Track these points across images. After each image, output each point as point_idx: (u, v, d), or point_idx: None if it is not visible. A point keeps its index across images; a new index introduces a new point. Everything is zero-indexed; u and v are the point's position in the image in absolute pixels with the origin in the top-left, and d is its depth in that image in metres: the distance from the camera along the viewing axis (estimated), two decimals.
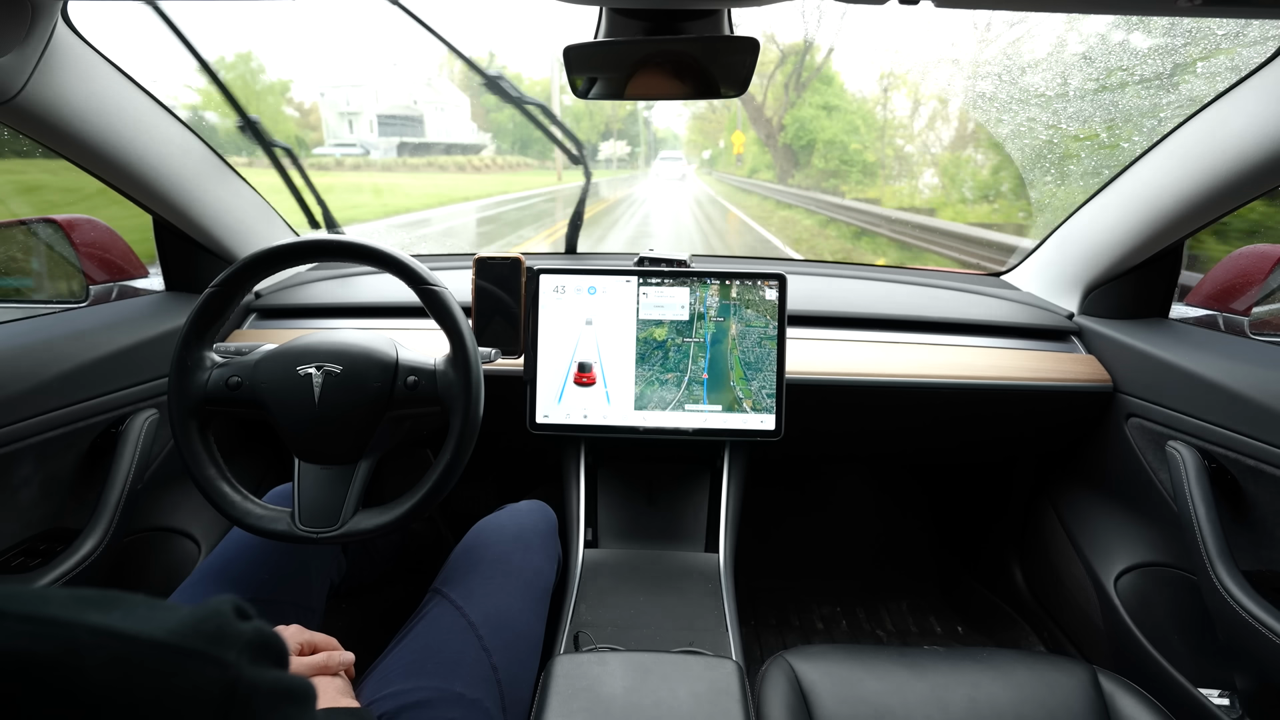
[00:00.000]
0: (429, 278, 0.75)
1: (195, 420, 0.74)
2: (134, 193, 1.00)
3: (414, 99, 31.10)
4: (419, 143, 28.93)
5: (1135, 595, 1.03)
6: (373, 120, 29.25)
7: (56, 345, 0.88)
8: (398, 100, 30.94)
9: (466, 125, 31.77)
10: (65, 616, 0.23)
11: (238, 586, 0.77)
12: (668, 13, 0.67)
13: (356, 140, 28.46)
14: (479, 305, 0.99)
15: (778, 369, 0.98)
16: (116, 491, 0.91)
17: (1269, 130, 0.79)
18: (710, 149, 30.22)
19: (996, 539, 1.42)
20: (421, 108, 30.49)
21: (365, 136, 28.81)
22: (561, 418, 1.00)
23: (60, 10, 0.77)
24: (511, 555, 0.85)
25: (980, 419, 1.15)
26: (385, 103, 30.25)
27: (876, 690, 0.75)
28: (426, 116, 30.18)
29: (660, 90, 0.78)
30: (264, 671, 0.26)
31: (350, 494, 0.73)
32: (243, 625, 0.26)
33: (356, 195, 13.77)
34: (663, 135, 38.40)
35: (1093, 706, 0.73)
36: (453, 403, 0.74)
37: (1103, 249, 1.08)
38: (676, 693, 0.68)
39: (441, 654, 0.71)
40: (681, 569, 0.98)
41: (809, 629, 1.45)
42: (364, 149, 26.71)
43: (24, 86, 0.75)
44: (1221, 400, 0.88)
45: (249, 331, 1.18)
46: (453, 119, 30.85)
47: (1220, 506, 0.88)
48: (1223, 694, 0.90)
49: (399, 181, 18.75)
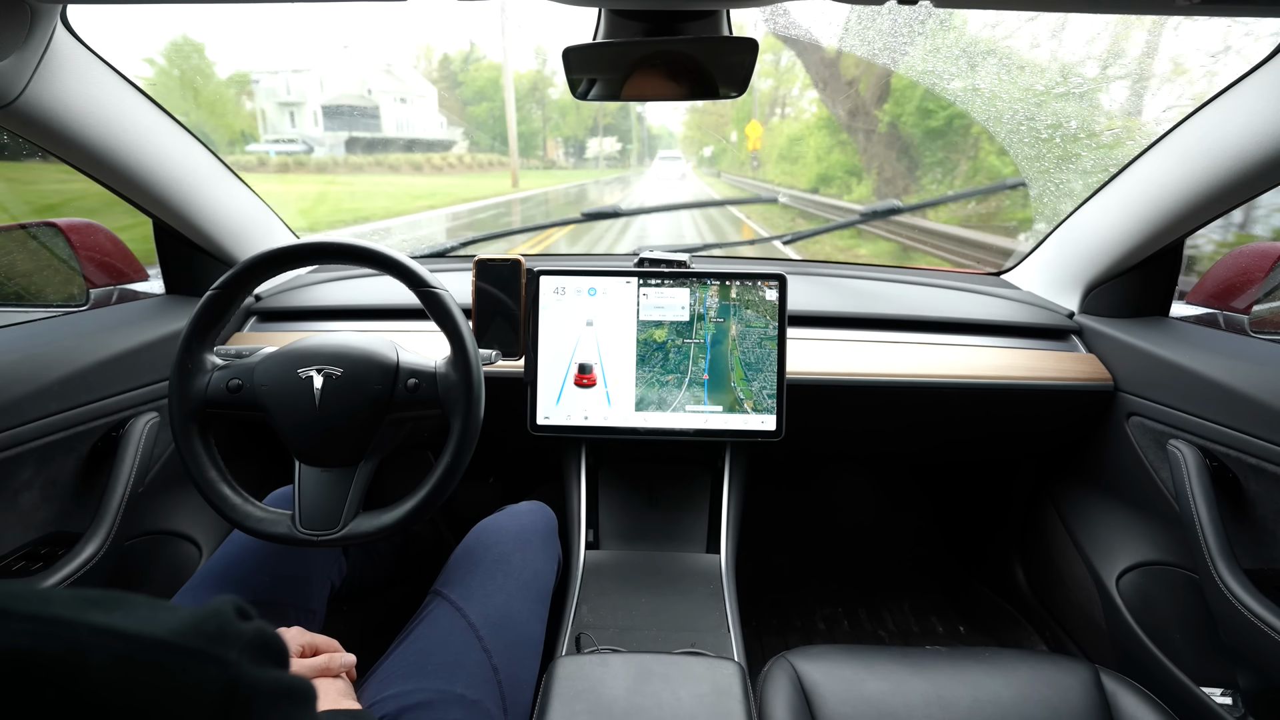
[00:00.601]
0: (429, 280, 0.75)
1: (196, 423, 0.74)
2: (134, 196, 1.00)
3: (368, 87, 26.30)
4: (373, 138, 24.67)
5: (1137, 594, 1.03)
6: (317, 111, 24.55)
7: (57, 349, 0.88)
8: (348, 88, 25.95)
9: (433, 119, 27.79)
10: (68, 616, 0.23)
11: (239, 589, 0.77)
12: (667, 14, 0.68)
13: (298, 135, 23.62)
14: (479, 307, 0.99)
15: (778, 369, 0.98)
16: (117, 495, 0.91)
17: (1269, 128, 0.79)
18: (711, 144, 26.50)
19: (998, 538, 1.42)
20: (377, 97, 25.85)
21: (310, 130, 24.07)
22: (562, 419, 1.00)
23: (59, 14, 0.77)
24: (512, 556, 0.85)
25: (981, 419, 1.15)
26: (333, 91, 25.28)
27: (879, 690, 0.75)
28: (384, 108, 25.61)
29: (660, 91, 0.78)
30: (265, 671, 0.26)
31: (351, 496, 0.73)
32: (244, 625, 0.26)
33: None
34: (657, 132, 36.35)
35: (1095, 706, 0.73)
36: (453, 405, 0.74)
37: (1103, 248, 1.08)
38: (678, 694, 0.68)
39: (442, 655, 0.71)
40: (683, 570, 0.98)
41: (811, 629, 1.45)
42: (307, 145, 22.39)
43: (23, 90, 0.76)
44: (1223, 399, 0.88)
45: (249, 334, 1.18)
46: (416, 111, 26.79)
47: (1222, 505, 0.88)
48: (1225, 693, 0.90)
49: (332, 187, 15.08)
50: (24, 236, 1.20)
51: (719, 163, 25.38)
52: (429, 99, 27.79)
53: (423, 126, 26.58)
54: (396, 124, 25.48)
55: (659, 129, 36.03)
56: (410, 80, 27.49)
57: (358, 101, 25.69)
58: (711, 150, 26.58)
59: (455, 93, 30.72)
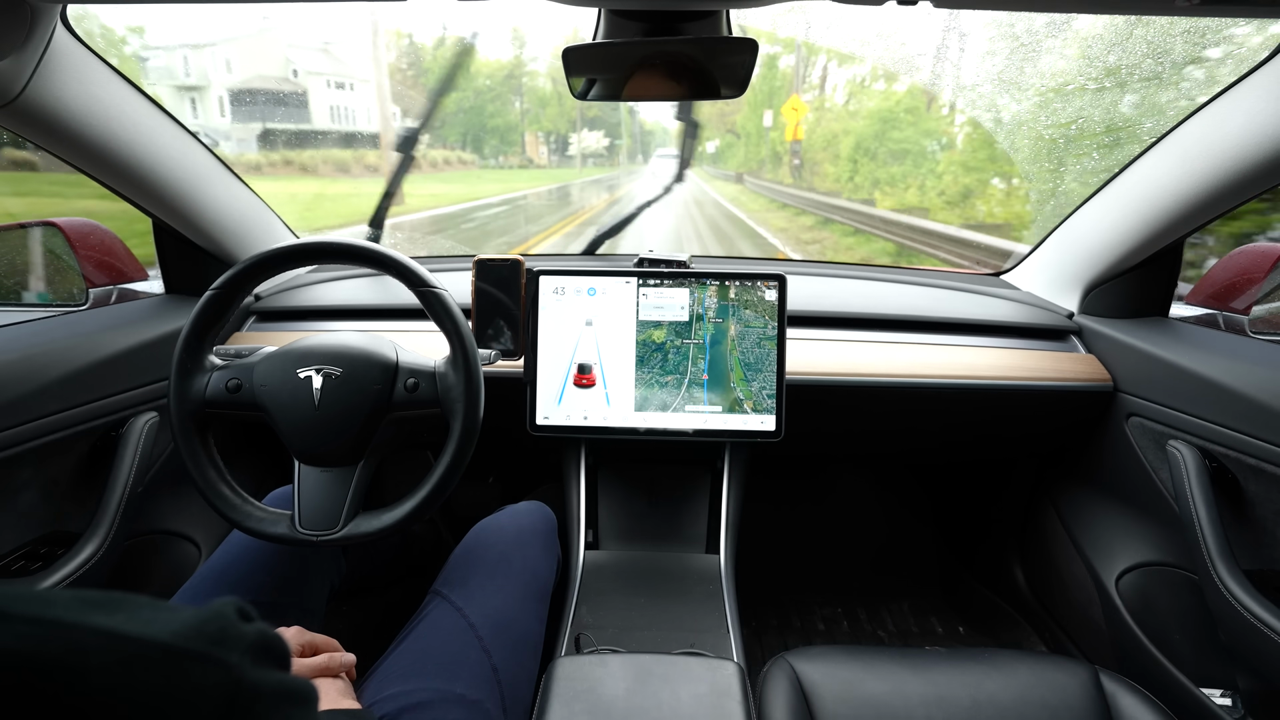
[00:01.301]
0: (428, 280, 0.75)
1: (195, 423, 0.74)
2: (133, 195, 1.00)
3: (293, 68, 19.81)
4: (298, 131, 18.73)
5: (1136, 595, 1.03)
6: (224, 97, 18.69)
7: (56, 348, 0.88)
8: (267, 69, 19.65)
9: (383, 110, 20.26)
10: (69, 618, 0.23)
11: (238, 589, 0.77)
12: (667, 14, 0.68)
13: (200, 128, 14.94)
14: (479, 307, 0.99)
15: (778, 369, 0.98)
16: (117, 495, 0.91)
17: (1269, 128, 0.79)
18: (716, 138, 21.63)
19: (997, 539, 1.42)
20: (305, 81, 19.53)
21: (215, 121, 18.38)
22: (562, 419, 1.00)
23: (59, 14, 0.77)
24: (511, 556, 0.85)
25: (980, 419, 1.15)
26: (246, 73, 19.23)
27: (878, 691, 0.75)
28: (315, 94, 19.40)
29: (660, 91, 0.78)
30: (266, 673, 0.26)
31: (350, 496, 0.73)
32: (245, 627, 0.26)
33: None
34: (650, 127, 32.78)
35: (1094, 706, 0.73)
36: (453, 404, 0.74)
37: (1102, 248, 1.08)
38: (678, 694, 0.68)
39: (442, 655, 0.71)
40: (682, 570, 0.98)
41: (810, 630, 1.45)
42: (210, 139, 14.07)
43: (23, 89, 0.76)
44: (1222, 399, 0.88)
45: (249, 334, 1.18)
46: (358, 100, 20.51)
47: (1221, 506, 0.88)
48: (1225, 693, 0.90)
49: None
50: (24, 236, 1.20)
51: (727, 160, 20.32)
52: (380, 86, 21.60)
53: (368, 119, 20.48)
54: (332, 114, 19.36)
55: (652, 124, 32.72)
56: (354, 63, 20.75)
57: (279, 86, 19.21)
58: (716, 146, 21.93)
59: (421, 81, 26.16)
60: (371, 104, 20.56)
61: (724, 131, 20.95)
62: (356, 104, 20.22)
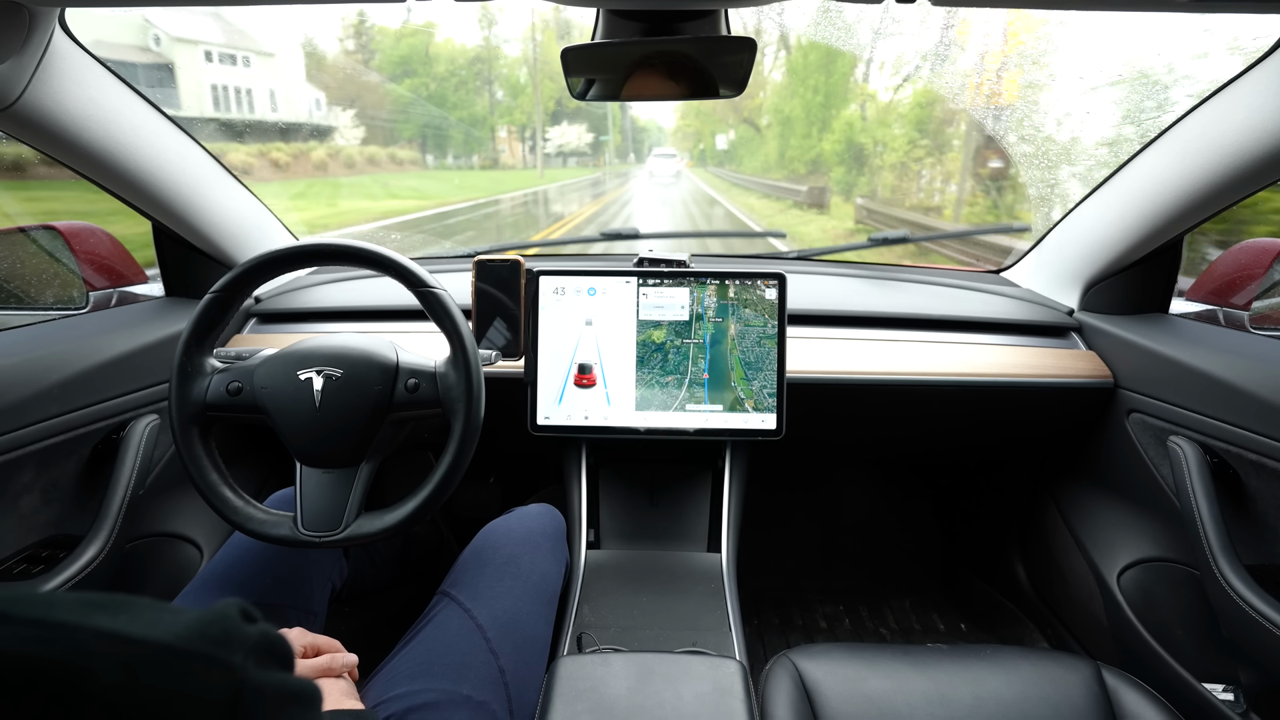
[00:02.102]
0: (428, 280, 0.75)
1: (196, 426, 0.74)
2: (132, 199, 1.00)
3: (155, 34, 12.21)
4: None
5: (1138, 591, 1.03)
6: None
7: (57, 352, 0.88)
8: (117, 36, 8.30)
9: (296, 95, 16.31)
10: (72, 620, 0.23)
11: (240, 591, 0.77)
12: (665, 14, 0.68)
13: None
14: (479, 307, 0.99)
15: (778, 368, 0.98)
16: (118, 498, 0.91)
17: (1269, 124, 0.79)
18: (721, 131, 19.98)
19: (999, 536, 1.42)
20: (172, 51, 13.24)
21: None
22: (562, 419, 1.00)
23: (57, 18, 0.77)
24: (520, 558, 0.85)
25: (981, 416, 1.15)
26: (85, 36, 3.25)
27: (880, 688, 0.75)
28: (185, 69, 13.38)
29: (659, 91, 0.78)
30: (270, 674, 0.26)
31: (352, 497, 0.73)
32: (249, 628, 0.26)
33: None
34: (644, 124, 30.15)
35: (1097, 702, 0.73)
36: (453, 405, 0.74)
37: (1103, 245, 1.08)
38: (680, 693, 0.68)
39: (449, 656, 0.71)
40: (684, 569, 0.98)
41: (812, 628, 1.45)
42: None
43: (22, 93, 0.76)
44: (1223, 395, 0.88)
45: (249, 336, 1.18)
46: (262, 80, 14.83)
47: (1222, 501, 0.88)
48: (1227, 689, 0.90)
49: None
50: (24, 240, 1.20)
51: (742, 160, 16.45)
52: (290, 65, 16.49)
53: (277, 105, 15.39)
54: (213, 96, 13.89)
55: (646, 121, 29.92)
56: (255, 33, 14.80)
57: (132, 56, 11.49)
58: (729, 140, 18.55)
59: (370, 64, 21.40)
60: (269, 87, 15.09)
61: (739, 122, 16.61)
62: (253, 83, 14.79)
